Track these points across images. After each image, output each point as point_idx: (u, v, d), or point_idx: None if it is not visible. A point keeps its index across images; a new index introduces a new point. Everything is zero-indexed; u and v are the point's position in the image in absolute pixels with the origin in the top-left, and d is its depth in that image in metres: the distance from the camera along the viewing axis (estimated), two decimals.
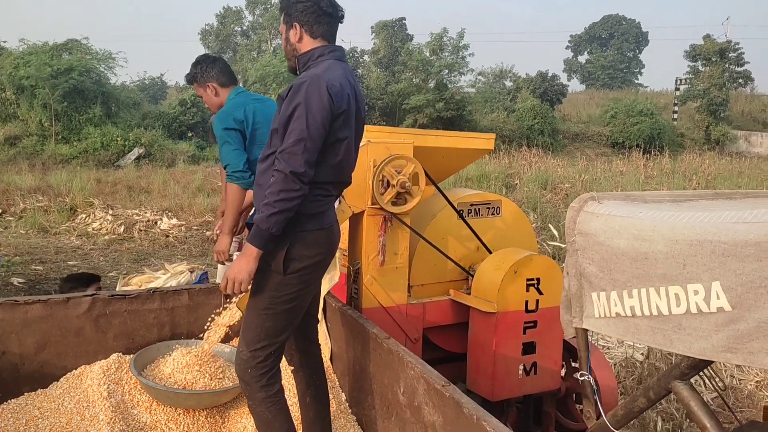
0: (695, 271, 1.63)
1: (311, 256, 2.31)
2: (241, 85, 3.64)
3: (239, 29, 39.80)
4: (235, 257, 2.69)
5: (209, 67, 3.53)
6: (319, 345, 2.70)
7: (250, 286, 2.38)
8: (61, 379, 2.80)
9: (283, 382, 2.45)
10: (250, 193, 3.19)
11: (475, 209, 3.54)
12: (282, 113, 2.22)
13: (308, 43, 2.38)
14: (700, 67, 30.41)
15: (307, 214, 2.27)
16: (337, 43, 2.46)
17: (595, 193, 2.02)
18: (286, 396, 2.41)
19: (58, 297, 2.85)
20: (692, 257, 1.63)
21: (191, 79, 3.58)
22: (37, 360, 2.78)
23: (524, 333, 3.24)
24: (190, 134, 22.30)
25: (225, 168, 3.33)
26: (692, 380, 1.94)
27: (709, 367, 2.02)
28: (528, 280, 3.21)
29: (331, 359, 3.07)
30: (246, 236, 2.98)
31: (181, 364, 2.75)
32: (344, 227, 3.23)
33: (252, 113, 3.43)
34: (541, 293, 3.24)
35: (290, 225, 2.21)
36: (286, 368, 2.65)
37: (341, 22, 2.45)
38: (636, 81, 50.93)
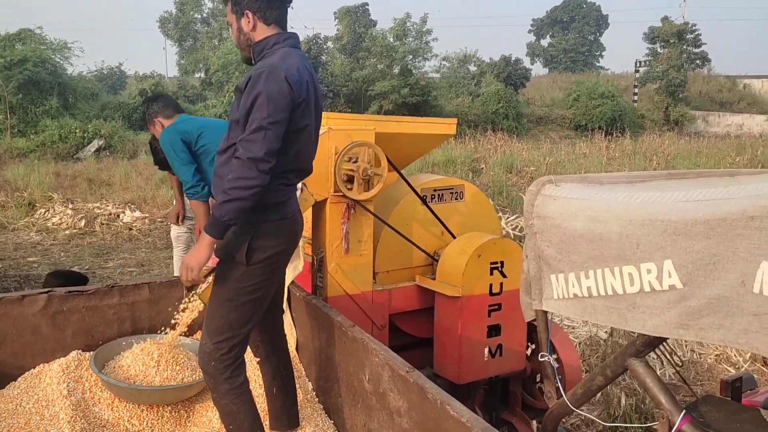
0: (648, 250, 1.66)
1: (274, 246, 2.29)
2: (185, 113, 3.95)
3: (199, 16, 39.01)
4: None
5: (152, 105, 3.81)
6: (285, 335, 2.69)
7: (211, 277, 2.36)
8: (19, 379, 2.73)
9: (249, 373, 2.43)
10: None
11: (439, 194, 3.54)
12: (242, 105, 2.18)
13: (262, 31, 2.31)
14: (658, 49, 30.98)
15: (268, 204, 2.24)
16: (292, 29, 2.43)
17: (553, 176, 2.04)
18: (251, 387, 2.40)
19: (13, 295, 2.77)
20: (645, 237, 1.66)
21: (143, 123, 3.80)
22: None
23: (489, 316, 3.28)
24: None
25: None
26: (652, 356, 1.99)
27: (668, 343, 2.07)
28: (492, 263, 3.24)
29: (297, 349, 3.06)
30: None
31: (143, 359, 2.70)
32: (307, 215, 3.21)
33: (199, 126, 3.65)
34: (504, 276, 3.28)
35: (252, 215, 2.17)
36: (251, 360, 2.63)
37: (290, 4, 2.40)
38: (597, 64, 51.56)
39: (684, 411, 1.82)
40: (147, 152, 18.58)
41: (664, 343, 1.99)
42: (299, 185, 2.95)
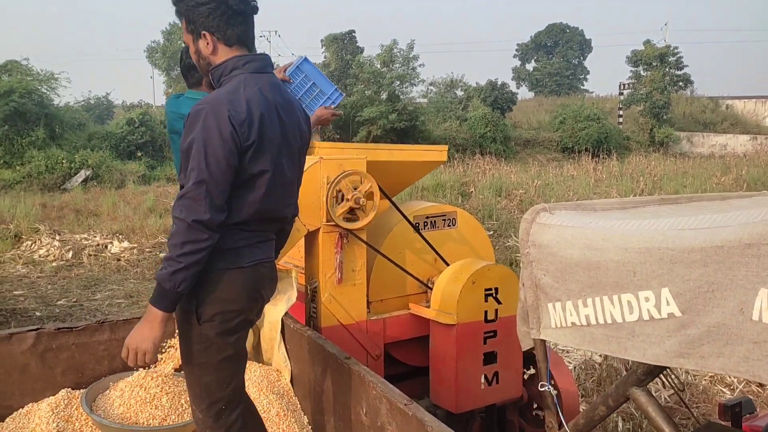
0: (645, 278, 1.66)
1: (228, 300, 1.96)
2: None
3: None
4: None
5: None
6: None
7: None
8: (7, 420, 2.66)
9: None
10: None
11: (431, 221, 3.54)
12: (181, 144, 1.92)
13: (224, 53, 2.00)
14: (641, 72, 31.49)
15: (220, 251, 1.92)
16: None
17: (547, 204, 2.04)
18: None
19: (1, 333, 2.72)
20: (642, 265, 1.66)
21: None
22: None
23: (485, 343, 3.25)
24: (139, 154, 21.80)
25: None
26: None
27: None
28: (486, 290, 3.23)
29: (291, 382, 3.01)
30: None
31: (135, 396, 2.64)
32: (299, 245, 3.20)
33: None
34: (499, 302, 3.26)
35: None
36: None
37: (255, 13, 2.07)
38: (582, 87, 52.29)
39: None
40: (135, 182, 18.58)
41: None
42: None
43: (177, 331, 2.05)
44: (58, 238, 10.23)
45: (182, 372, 2.81)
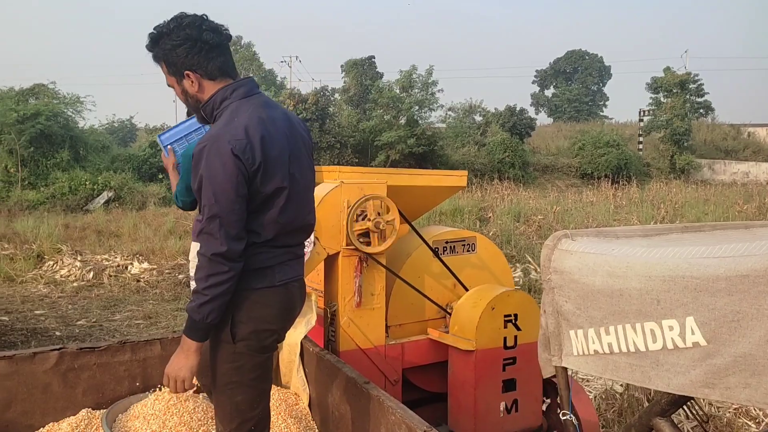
0: (669, 306, 1.64)
1: (262, 319, 2.02)
2: None
3: None
4: None
5: None
6: None
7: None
8: None
9: None
10: None
11: (451, 246, 3.54)
12: (192, 182, 1.99)
13: (210, 88, 2.04)
14: (662, 99, 31.38)
15: (251, 270, 1.98)
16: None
17: (569, 230, 2.04)
18: None
19: (24, 352, 2.75)
20: (666, 293, 1.64)
21: None
22: (2, 419, 2.66)
23: (504, 370, 3.22)
24: (160, 176, 22.10)
25: None
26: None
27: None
28: (506, 316, 3.21)
29: (309, 406, 3.00)
30: None
31: (155, 416, 2.65)
32: (319, 269, 3.21)
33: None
34: (519, 329, 3.24)
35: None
36: None
37: (230, 41, 2.11)
38: (601, 113, 52.27)
39: None
40: (156, 203, 18.82)
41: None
42: (310, 240, 2.92)
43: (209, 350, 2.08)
44: (79, 258, 10.35)
45: (201, 392, 2.82)
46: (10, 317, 7.43)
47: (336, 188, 3.01)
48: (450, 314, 3.36)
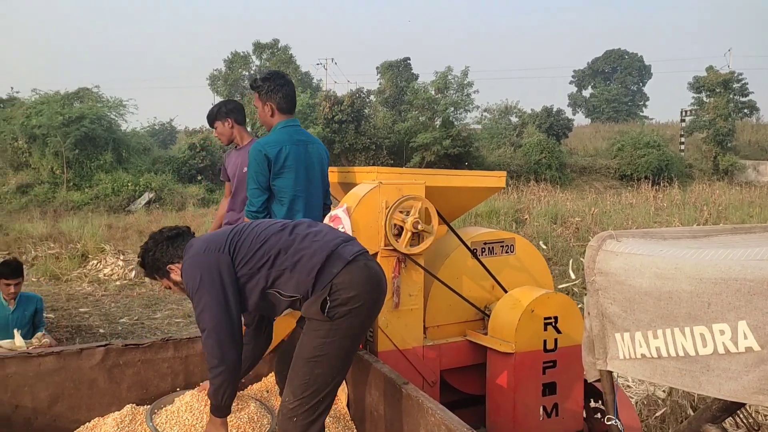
0: (720, 310, 1.59)
1: (352, 293, 2.29)
2: (294, 117, 3.64)
3: (247, 73, 40.47)
4: None
5: (277, 88, 3.48)
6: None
7: None
8: None
9: None
10: None
11: (489, 248, 3.51)
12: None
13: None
14: (704, 98, 30.57)
15: (323, 260, 2.31)
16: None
17: (613, 231, 2.00)
18: None
19: (71, 348, 2.82)
20: (717, 296, 1.59)
21: (257, 88, 3.53)
22: (50, 414, 2.73)
23: (544, 373, 3.18)
24: (199, 177, 22.52)
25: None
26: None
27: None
28: (545, 318, 3.16)
29: (348, 405, 3.01)
30: None
31: (200, 411, 2.68)
32: None
33: (284, 157, 3.38)
34: (559, 332, 3.19)
35: (320, 280, 2.28)
36: None
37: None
38: (641, 113, 51.17)
39: None
40: (195, 204, 19.17)
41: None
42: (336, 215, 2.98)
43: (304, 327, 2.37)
44: (122, 258, 10.59)
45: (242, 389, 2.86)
46: (56, 314, 7.65)
47: (374, 189, 3.01)
48: (488, 316, 3.32)
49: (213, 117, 4.31)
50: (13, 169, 21.07)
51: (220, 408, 2.36)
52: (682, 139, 31.24)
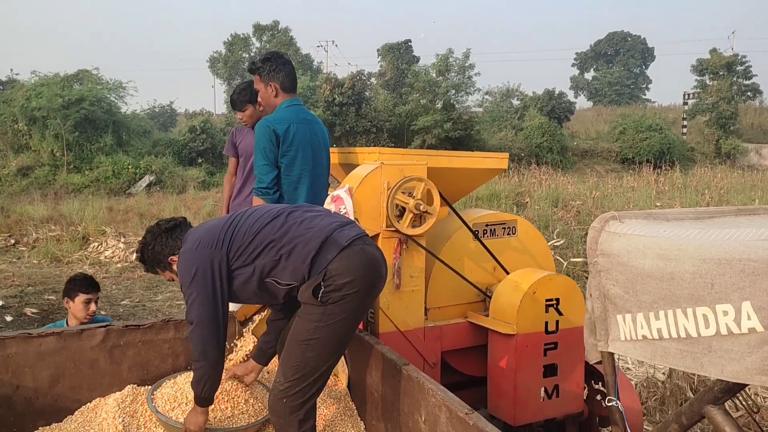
0: (724, 291, 1.58)
1: (348, 278, 2.27)
2: (297, 97, 3.59)
3: (247, 55, 40.23)
4: None
5: (279, 68, 3.44)
6: None
7: (264, 313, 2.35)
8: (76, 413, 2.76)
9: None
10: None
11: (491, 229, 3.49)
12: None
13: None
14: (707, 81, 30.41)
15: (318, 246, 2.29)
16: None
17: (616, 212, 1.98)
18: None
19: (72, 329, 2.82)
20: (720, 276, 1.58)
21: (257, 70, 3.48)
22: (51, 393, 2.74)
23: (545, 355, 3.18)
24: (200, 160, 22.47)
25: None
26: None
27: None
28: (547, 300, 3.16)
29: (348, 386, 3.01)
30: None
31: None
32: None
33: (292, 135, 3.35)
34: (560, 314, 3.18)
35: (315, 264, 2.27)
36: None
37: None
38: (643, 96, 50.93)
39: None
40: (195, 187, 19.15)
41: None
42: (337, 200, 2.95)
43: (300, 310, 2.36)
44: (122, 240, 10.60)
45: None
46: (57, 297, 7.66)
47: (376, 169, 2.99)
48: (490, 297, 3.32)
49: (246, 101, 4.18)
50: (13, 152, 21.03)
51: (201, 399, 2.42)
52: (685, 123, 31.12)
